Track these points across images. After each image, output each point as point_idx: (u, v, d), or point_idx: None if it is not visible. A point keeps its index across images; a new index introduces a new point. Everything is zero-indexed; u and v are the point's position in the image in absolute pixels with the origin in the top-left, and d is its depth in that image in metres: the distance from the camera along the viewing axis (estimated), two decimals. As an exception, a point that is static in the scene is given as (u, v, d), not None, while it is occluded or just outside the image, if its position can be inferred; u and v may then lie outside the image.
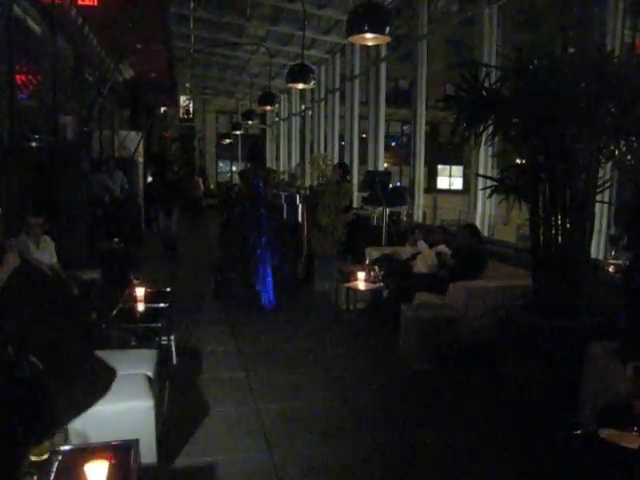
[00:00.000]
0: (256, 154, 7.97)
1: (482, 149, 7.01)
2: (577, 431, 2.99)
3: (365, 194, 9.32)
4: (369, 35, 5.44)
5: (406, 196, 9.04)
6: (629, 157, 4.51)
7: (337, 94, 14.13)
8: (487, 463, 3.59)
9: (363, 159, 12.58)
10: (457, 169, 35.66)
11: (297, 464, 3.50)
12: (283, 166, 20.58)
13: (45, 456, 2.33)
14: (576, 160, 4.46)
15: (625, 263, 4.76)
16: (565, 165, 4.45)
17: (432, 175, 34.13)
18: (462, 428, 4.05)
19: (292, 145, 19.61)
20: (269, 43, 14.10)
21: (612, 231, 5.33)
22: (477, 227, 6.61)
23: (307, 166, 15.42)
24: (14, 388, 2.42)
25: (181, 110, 27.85)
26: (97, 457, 2.22)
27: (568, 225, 4.58)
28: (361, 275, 6.19)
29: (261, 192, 7.30)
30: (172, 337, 5.02)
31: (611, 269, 5.01)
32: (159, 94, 17.01)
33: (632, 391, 2.96)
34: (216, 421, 4.05)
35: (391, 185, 9.13)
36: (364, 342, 5.87)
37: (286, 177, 16.25)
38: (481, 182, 7.14)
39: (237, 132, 21.02)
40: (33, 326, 2.82)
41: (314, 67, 13.61)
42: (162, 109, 23.61)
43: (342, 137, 14.13)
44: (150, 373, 3.65)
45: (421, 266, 6.44)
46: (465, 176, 33.06)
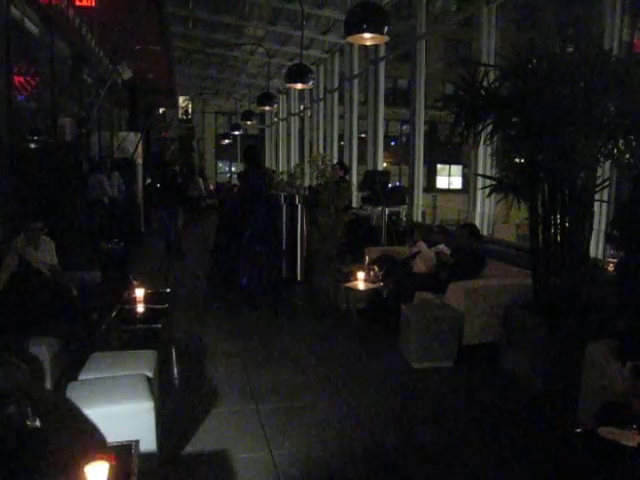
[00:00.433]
0: (252, 156, 7.99)
1: (481, 148, 7.02)
2: (576, 429, 2.99)
3: (364, 194, 9.32)
4: (367, 35, 5.44)
5: (405, 196, 9.04)
6: (628, 156, 4.52)
7: (336, 94, 14.14)
8: (487, 461, 3.59)
9: (362, 159, 12.59)
10: (456, 168, 35.67)
11: (296, 461, 3.51)
12: (282, 166, 20.58)
13: (45, 458, 2.33)
14: (575, 159, 4.46)
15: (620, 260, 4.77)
16: (564, 164, 4.46)
17: (431, 174, 34.14)
18: (462, 426, 4.04)
19: (291, 145, 19.61)
20: (268, 43, 14.11)
21: (609, 229, 5.34)
22: (476, 226, 6.61)
23: (306, 166, 15.41)
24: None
25: (180, 111, 27.89)
26: (97, 458, 2.22)
27: (567, 224, 4.59)
28: (361, 275, 6.19)
29: (260, 191, 7.40)
30: (172, 338, 5.03)
31: (610, 268, 5.01)
32: (158, 95, 17.02)
33: (631, 390, 2.96)
34: (216, 420, 4.05)
35: (390, 185, 9.13)
36: (364, 342, 5.86)
37: (285, 177, 16.25)
38: (480, 181, 7.15)
39: (236, 132, 21.01)
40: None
41: (313, 67, 13.62)
42: (161, 110, 23.62)
43: (341, 137, 14.14)
44: (150, 374, 3.65)
45: (421, 266, 6.44)
46: (464, 175, 33.08)
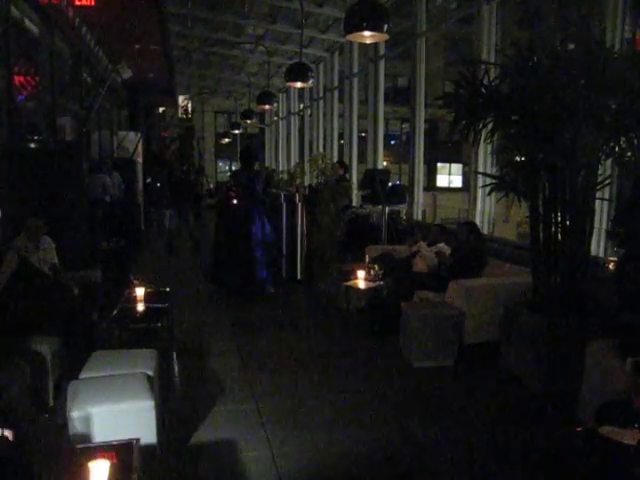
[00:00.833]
0: (248, 156, 8.18)
1: (481, 147, 7.01)
2: (577, 428, 2.99)
3: (364, 193, 9.31)
4: (367, 33, 5.43)
5: (405, 194, 9.03)
6: (629, 154, 4.51)
7: (336, 93, 14.12)
8: (487, 459, 3.59)
9: (362, 158, 12.58)
10: (456, 167, 35.64)
11: (298, 457, 3.51)
12: (282, 165, 20.57)
13: (47, 456, 2.33)
14: (576, 157, 4.45)
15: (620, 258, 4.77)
16: (565, 162, 4.45)
17: (431, 173, 34.12)
18: (462, 425, 4.04)
19: (291, 144, 19.59)
20: (267, 42, 14.09)
21: (610, 227, 5.33)
22: (477, 225, 6.61)
23: (306, 165, 15.40)
24: None
25: (180, 110, 27.85)
26: (99, 456, 2.22)
27: (568, 222, 4.58)
28: (361, 274, 6.18)
29: (255, 190, 7.69)
30: (173, 336, 5.03)
31: (611, 266, 5.01)
32: (157, 94, 16.99)
33: (632, 387, 2.96)
34: (217, 419, 4.05)
35: (390, 183, 9.12)
36: (364, 340, 5.86)
37: (285, 176, 16.22)
38: (480, 180, 7.15)
39: (236, 131, 20.99)
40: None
41: (312, 66, 13.61)
42: (161, 109, 23.60)
43: (341, 136, 14.13)
44: (150, 373, 3.65)
45: (421, 265, 6.44)
46: (464, 174, 33.07)
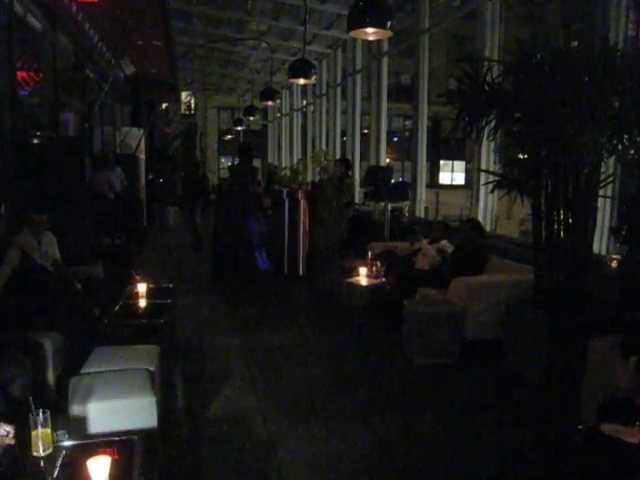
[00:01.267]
0: (245, 151, 8.31)
1: (484, 144, 6.99)
2: (579, 425, 2.99)
3: (367, 189, 9.30)
4: (370, 30, 5.41)
5: (408, 191, 9.02)
6: (632, 151, 4.50)
7: (339, 89, 14.10)
8: (489, 456, 3.59)
9: (365, 155, 12.56)
10: (459, 164, 35.53)
11: (300, 454, 3.52)
12: (285, 161, 20.56)
13: (49, 451, 2.34)
14: (579, 154, 4.44)
15: (623, 255, 4.76)
16: (567, 160, 4.44)
17: (434, 170, 34.04)
18: (463, 422, 4.04)
19: (294, 141, 19.58)
20: (270, 38, 14.06)
21: (614, 223, 5.32)
22: (479, 222, 6.60)
23: (309, 162, 15.39)
24: None
25: (183, 106, 27.83)
26: (100, 452, 2.23)
27: (570, 220, 4.57)
28: (363, 270, 6.18)
29: (248, 185, 7.88)
30: (174, 332, 5.04)
31: (613, 264, 5.00)
32: (160, 90, 16.95)
33: (634, 385, 2.96)
34: (218, 414, 4.06)
35: (393, 180, 9.12)
36: (366, 337, 5.87)
37: (288, 173, 16.21)
38: (483, 177, 7.13)
39: (239, 128, 20.98)
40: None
41: (315, 62, 13.59)
42: (163, 105, 23.55)
43: (344, 132, 14.11)
44: (152, 368, 3.66)
45: (423, 262, 6.43)
46: (467, 171, 32.98)
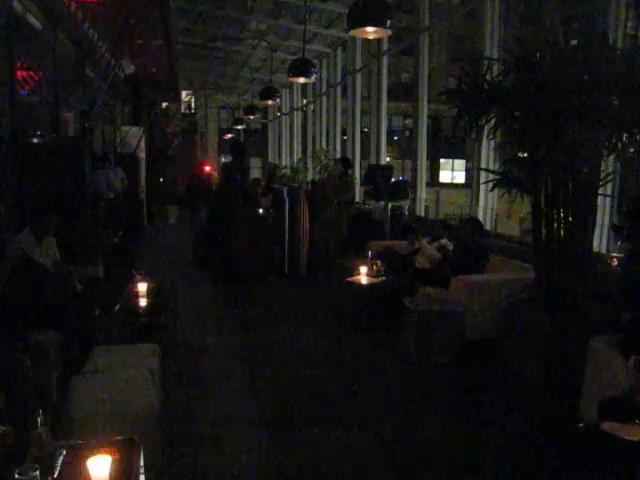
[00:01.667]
0: (236, 149, 8.56)
1: (484, 142, 6.99)
2: (579, 424, 2.99)
3: (367, 188, 9.31)
4: (370, 29, 5.41)
5: (408, 190, 9.03)
6: (632, 150, 4.50)
7: (339, 88, 14.10)
8: (488, 455, 3.59)
9: (365, 153, 12.56)
10: (459, 163, 35.50)
11: (298, 456, 3.52)
12: (285, 160, 20.56)
13: (49, 451, 2.34)
14: (578, 153, 4.44)
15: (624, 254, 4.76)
16: (567, 158, 4.44)
17: (434, 169, 34.03)
18: (463, 421, 4.05)
19: (294, 139, 19.58)
20: (270, 37, 14.06)
21: (615, 220, 5.32)
22: (479, 221, 6.60)
23: (309, 160, 15.39)
24: None
25: (183, 105, 27.80)
26: (100, 452, 2.22)
27: (570, 218, 4.57)
28: (363, 269, 6.18)
29: (238, 182, 8.03)
30: (175, 331, 5.05)
31: (614, 262, 4.99)
32: (160, 89, 16.96)
33: (634, 384, 2.96)
34: (218, 414, 4.06)
35: (393, 179, 9.12)
36: (365, 336, 5.87)
37: (288, 172, 16.21)
38: (483, 176, 7.13)
39: (239, 127, 20.98)
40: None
41: (316, 61, 13.58)
42: (164, 104, 23.55)
43: (344, 131, 14.11)
44: (153, 367, 3.66)
45: (423, 261, 6.44)
46: (467, 170, 32.96)
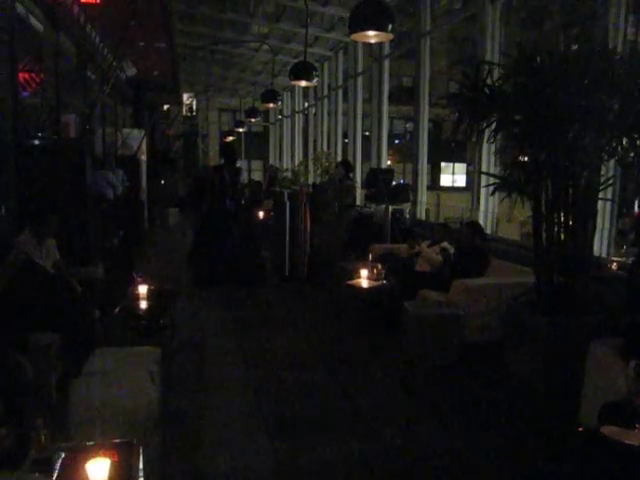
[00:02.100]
0: (227, 152, 8.66)
1: (485, 146, 7.00)
2: (579, 428, 2.99)
3: (368, 192, 9.31)
4: (372, 32, 5.42)
5: (409, 194, 9.03)
6: (632, 154, 4.50)
7: (340, 92, 14.11)
8: (488, 459, 3.59)
9: (366, 157, 12.57)
10: (460, 166, 35.53)
11: (298, 459, 3.52)
12: (286, 163, 20.58)
13: (48, 453, 2.34)
14: (579, 157, 4.45)
15: (629, 260, 4.76)
16: (568, 162, 4.45)
17: (435, 172, 34.07)
18: (462, 425, 4.05)
19: (295, 143, 19.60)
20: (272, 41, 14.09)
21: (620, 225, 5.34)
22: (480, 224, 6.60)
23: (310, 163, 15.41)
24: None
25: (184, 108, 27.84)
26: (99, 455, 2.22)
27: (571, 222, 4.58)
28: (364, 272, 6.17)
29: (227, 184, 8.14)
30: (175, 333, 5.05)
31: (614, 266, 5.00)
32: (162, 92, 16.99)
33: (634, 388, 2.95)
34: (219, 418, 4.06)
35: (394, 182, 9.12)
36: (366, 339, 5.87)
37: (289, 175, 16.23)
38: (484, 179, 7.14)
39: (240, 130, 21.01)
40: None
41: (317, 65, 13.60)
42: (165, 107, 23.60)
43: (345, 134, 14.12)
44: (153, 370, 3.66)
45: (424, 264, 6.44)
46: (468, 173, 32.98)
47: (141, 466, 2.35)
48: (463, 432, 3.94)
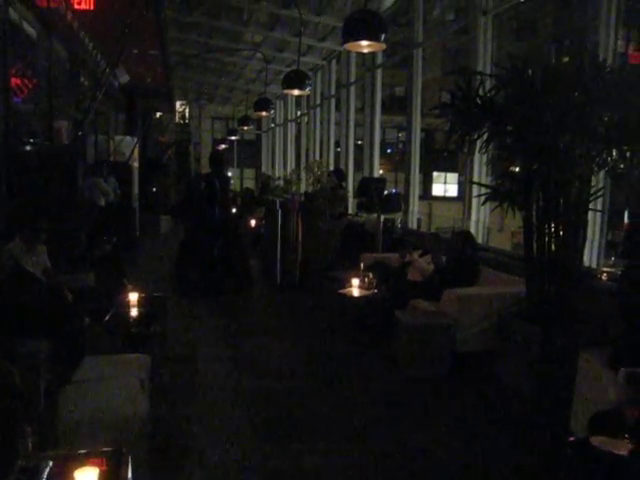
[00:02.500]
0: (216, 161, 8.62)
1: (476, 156, 7.03)
2: (569, 438, 3.00)
3: (360, 201, 9.32)
4: (365, 42, 5.45)
5: (401, 203, 9.04)
6: (622, 165, 4.54)
7: (333, 101, 14.17)
8: (479, 469, 3.59)
9: (359, 166, 12.61)
10: (452, 176, 35.67)
11: (288, 468, 3.50)
12: (278, 172, 20.59)
13: (36, 462, 2.31)
14: (569, 168, 4.48)
15: (618, 270, 4.78)
16: (559, 173, 4.48)
17: (427, 182, 34.20)
18: (454, 435, 4.04)
19: (288, 151, 19.63)
20: (265, 49, 14.13)
21: (610, 237, 5.37)
22: (471, 234, 6.62)
23: (302, 172, 15.42)
24: None
25: (177, 115, 27.87)
26: (88, 463, 2.20)
27: (561, 233, 4.60)
28: (355, 282, 6.17)
29: (216, 192, 8.12)
30: (166, 342, 5.02)
31: (604, 277, 5.02)
32: (155, 99, 17.00)
33: (623, 398, 2.97)
34: (209, 426, 4.04)
35: (386, 192, 9.14)
36: (357, 348, 5.86)
37: (281, 183, 16.24)
38: (475, 189, 7.16)
39: (233, 138, 21.04)
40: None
41: (310, 73, 13.65)
42: (158, 114, 23.59)
43: (338, 143, 14.16)
44: (143, 378, 3.64)
45: (415, 274, 6.44)
46: (460, 183, 33.12)
47: (130, 475, 2.33)
48: (453, 441, 3.94)
